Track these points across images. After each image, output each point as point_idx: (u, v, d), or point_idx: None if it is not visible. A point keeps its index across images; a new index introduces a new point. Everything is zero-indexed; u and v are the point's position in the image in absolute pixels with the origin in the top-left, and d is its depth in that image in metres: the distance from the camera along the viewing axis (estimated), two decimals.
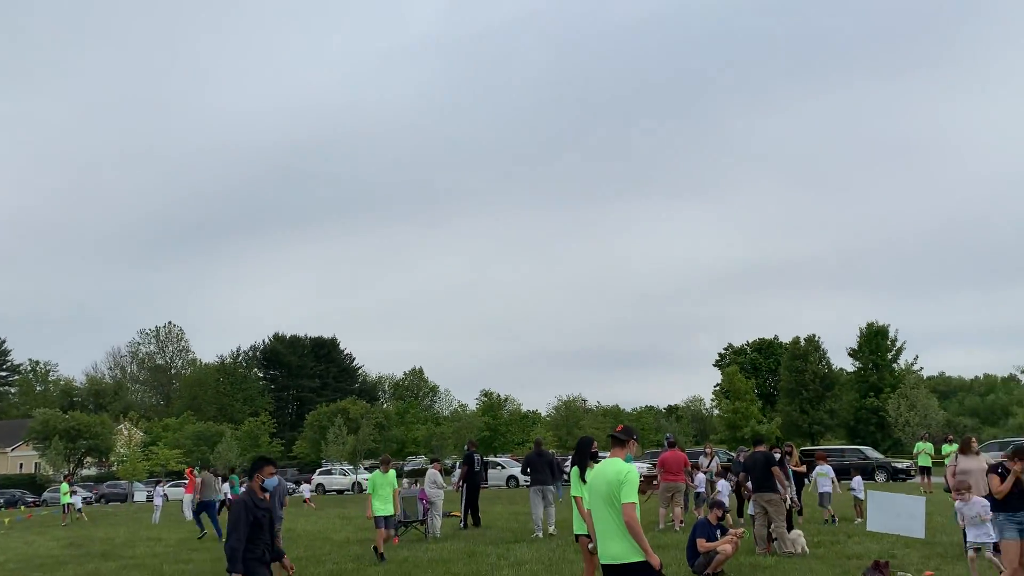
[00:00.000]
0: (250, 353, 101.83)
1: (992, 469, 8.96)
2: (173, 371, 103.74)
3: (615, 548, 6.34)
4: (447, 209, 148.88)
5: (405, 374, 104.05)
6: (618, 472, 6.46)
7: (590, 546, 8.08)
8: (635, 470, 6.52)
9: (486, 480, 40.89)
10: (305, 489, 40.27)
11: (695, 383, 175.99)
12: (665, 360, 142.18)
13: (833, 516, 17.31)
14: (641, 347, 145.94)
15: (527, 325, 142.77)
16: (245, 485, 7.60)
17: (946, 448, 27.90)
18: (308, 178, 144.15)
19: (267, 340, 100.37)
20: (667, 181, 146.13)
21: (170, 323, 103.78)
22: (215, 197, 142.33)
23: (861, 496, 17.32)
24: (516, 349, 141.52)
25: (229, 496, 27.70)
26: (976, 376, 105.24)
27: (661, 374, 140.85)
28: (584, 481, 8.49)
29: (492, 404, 78.21)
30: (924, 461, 27.99)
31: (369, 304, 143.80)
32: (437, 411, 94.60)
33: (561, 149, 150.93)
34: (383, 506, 14.38)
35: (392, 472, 15.02)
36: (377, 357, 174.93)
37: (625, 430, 6.91)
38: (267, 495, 7.49)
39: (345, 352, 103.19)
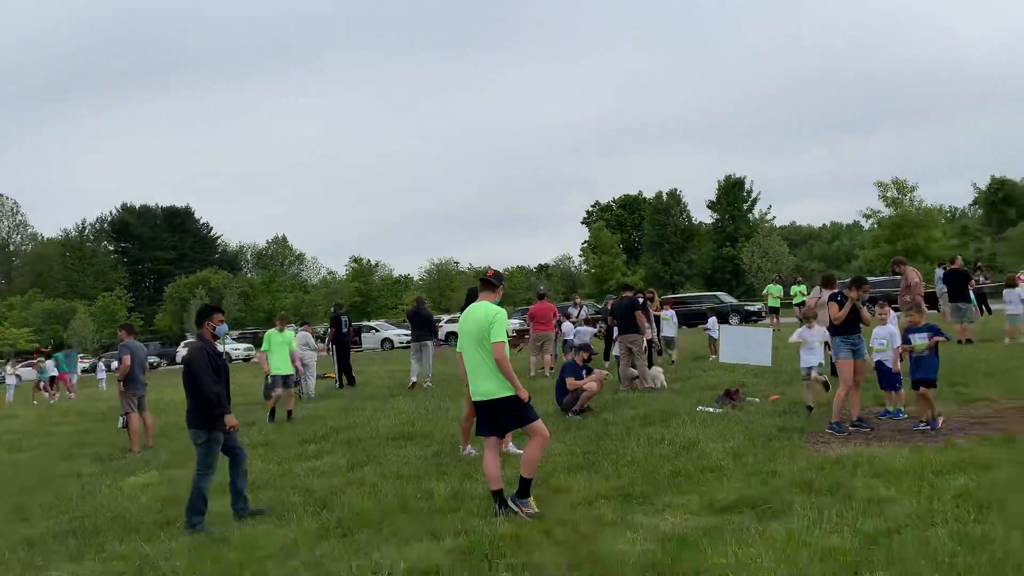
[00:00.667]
0: (97, 226, 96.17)
1: (832, 297, 9.65)
2: (12, 247, 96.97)
3: (486, 385, 6.53)
4: (304, 68, 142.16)
5: (268, 242, 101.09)
6: (487, 313, 6.58)
7: None
8: (503, 312, 6.65)
9: (358, 342, 41.20)
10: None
11: (564, 241, 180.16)
12: (534, 220, 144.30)
13: (672, 359, 18.24)
14: (511, 208, 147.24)
15: (394, 189, 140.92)
16: (196, 334, 7.62)
17: (794, 289, 29.81)
18: (150, 33, 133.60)
19: (115, 211, 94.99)
20: (532, 40, 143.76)
21: (2, 196, 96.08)
22: (44, 55, 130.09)
23: (715, 335, 18.36)
24: (384, 213, 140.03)
25: (56, 374, 26.35)
26: (824, 224, 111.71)
27: (531, 234, 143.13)
28: None
29: (362, 270, 77.65)
30: (773, 303, 29.97)
31: (224, 170, 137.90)
32: (305, 279, 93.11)
33: (422, 3, 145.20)
34: (280, 365, 14.16)
35: (289, 332, 14.78)
36: (237, 225, 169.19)
37: (495, 275, 6.99)
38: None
39: (201, 221, 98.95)
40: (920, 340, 9.15)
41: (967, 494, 5.92)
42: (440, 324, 45.98)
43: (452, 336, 36.62)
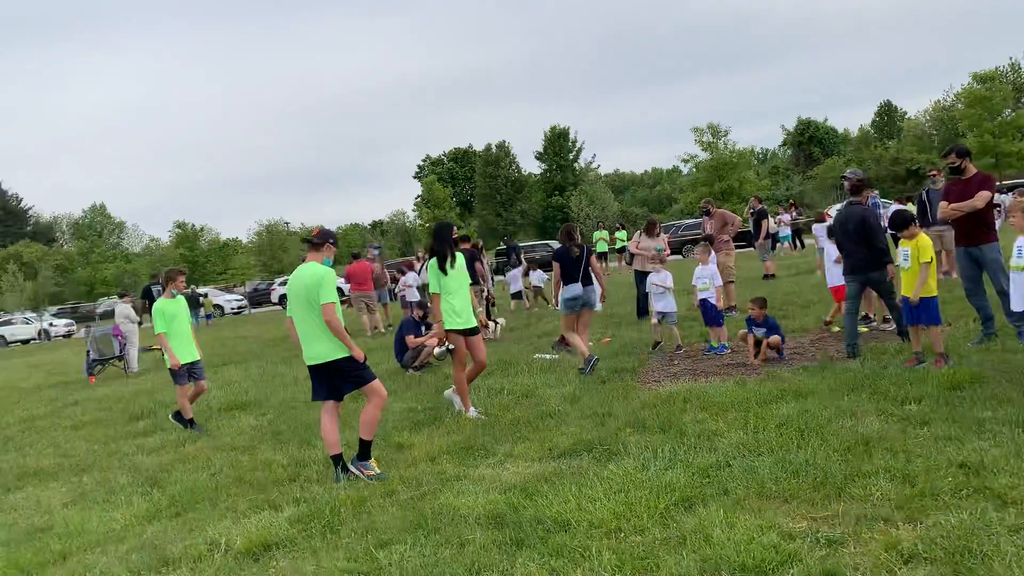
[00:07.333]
0: None
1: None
2: None
3: (318, 348, 6.29)
4: (114, 26, 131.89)
5: (84, 211, 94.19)
6: (314, 274, 6.32)
7: None
8: (331, 272, 6.41)
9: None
10: None
11: (398, 197, 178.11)
12: (366, 176, 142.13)
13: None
14: (341, 165, 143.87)
15: (219, 149, 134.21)
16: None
17: (619, 235, 30.92)
18: None
19: None
20: None
21: None
22: None
23: (542, 285, 19.11)
24: (208, 175, 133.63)
25: None
26: (646, 170, 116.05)
27: (364, 190, 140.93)
28: (444, 272, 7.84)
29: (187, 235, 73.97)
30: (601, 247, 31.17)
31: (31, 137, 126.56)
32: (126, 248, 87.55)
33: None
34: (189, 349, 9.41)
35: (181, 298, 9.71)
36: (49, 195, 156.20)
37: (321, 233, 6.69)
38: None
39: (9, 192, 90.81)
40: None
41: (789, 422, 6.21)
42: (272, 288, 44.57)
43: (284, 299, 35.51)
